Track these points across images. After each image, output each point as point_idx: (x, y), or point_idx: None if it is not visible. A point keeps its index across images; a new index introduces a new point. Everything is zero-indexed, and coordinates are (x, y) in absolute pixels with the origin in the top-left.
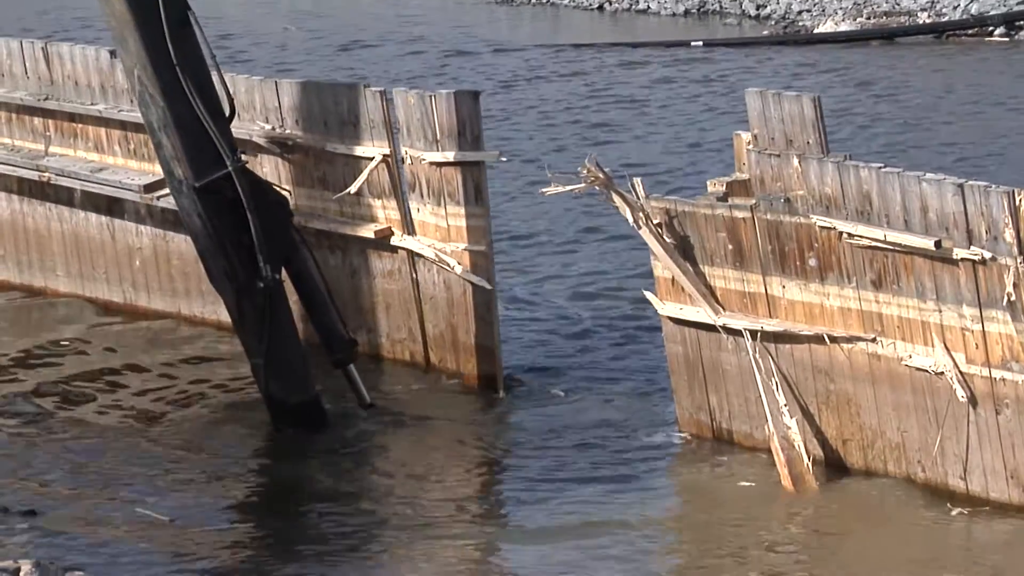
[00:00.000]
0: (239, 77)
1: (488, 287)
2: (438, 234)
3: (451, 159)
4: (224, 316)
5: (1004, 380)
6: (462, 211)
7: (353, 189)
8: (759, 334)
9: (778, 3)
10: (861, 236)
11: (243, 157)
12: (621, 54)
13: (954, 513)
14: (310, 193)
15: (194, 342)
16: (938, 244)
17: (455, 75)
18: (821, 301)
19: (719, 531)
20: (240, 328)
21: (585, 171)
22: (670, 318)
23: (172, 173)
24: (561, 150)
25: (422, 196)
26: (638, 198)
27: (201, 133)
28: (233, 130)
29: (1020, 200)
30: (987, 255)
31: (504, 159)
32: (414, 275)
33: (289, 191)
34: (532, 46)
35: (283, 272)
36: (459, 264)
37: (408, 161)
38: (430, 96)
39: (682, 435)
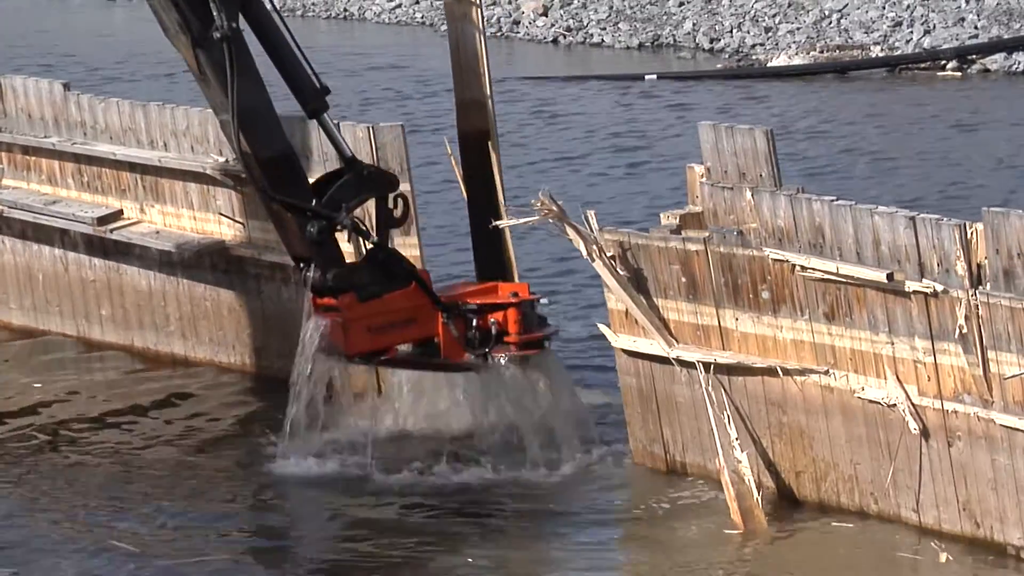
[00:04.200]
0: (192, 110)
1: None
2: None
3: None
4: (179, 350)
5: (956, 412)
6: (402, 241)
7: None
8: (712, 366)
9: (731, 37)
10: (814, 269)
11: None
12: (575, 87)
13: (942, 559)
14: (264, 226)
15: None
16: (890, 277)
17: (411, 109)
18: (774, 333)
19: (667, 567)
20: (203, 84)
21: (539, 204)
22: (624, 350)
23: None
24: (514, 183)
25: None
26: (591, 230)
27: None
28: (186, 163)
29: (971, 233)
30: (939, 288)
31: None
32: None
33: (243, 224)
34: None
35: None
36: None
37: None
38: (370, 128)
39: (636, 467)
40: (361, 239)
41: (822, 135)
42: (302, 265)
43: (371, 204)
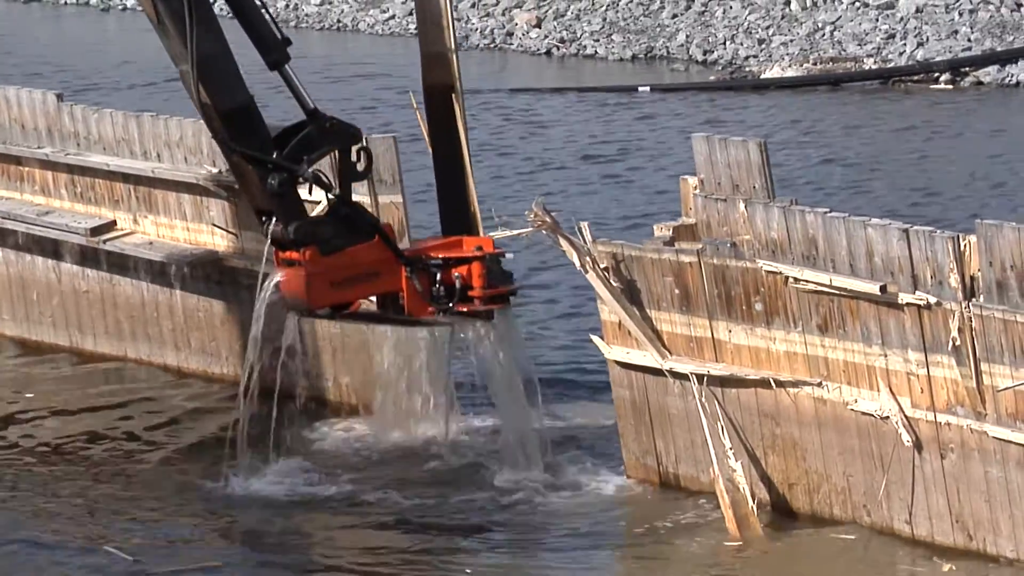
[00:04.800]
0: (186, 121)
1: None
2: None
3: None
4: (172, 360)
5: (949, 424)
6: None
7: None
8: (705, 378)
9: (725, 49)
10: (807, 281)
11: None
12: (568, 98)
13: (945, 568)
14: (257, 236)
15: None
16: (883, 289)
17: (406, 118)
18: (767, 345)
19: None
20: (163, 35)
21: (532, 215)
22: (617, 362)
23: None
24: (508, 194)
25: None
26: (585, 242)
27: None
28: (179, 174)
29: (964, 245)
30: (932, 300)
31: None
32: None
33: (236, 235)
34: (483, 90)
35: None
36: None
37: None
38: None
39: (629, 479)
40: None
41: (800, 146)
42: (264, 219)
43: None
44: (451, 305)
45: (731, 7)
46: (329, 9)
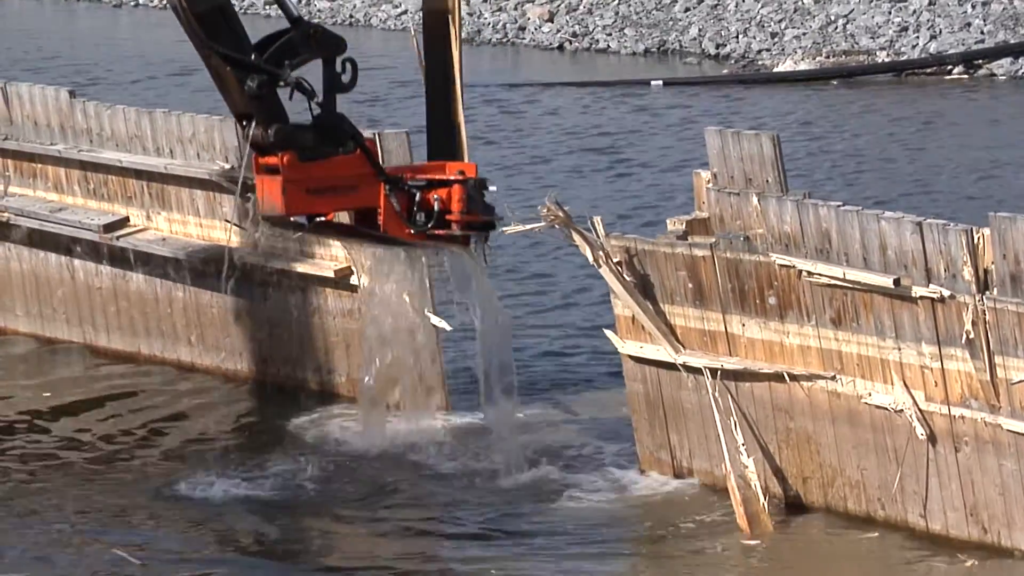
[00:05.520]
0: (199, 117)
1: (447, 327)
2: None
3: None
4: (185, 357)
5: (963, 418)
6: None
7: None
8: (719, 372)
9: (738, 42)
10: (820, 274)
11: None
12: (581, 93)
13: (967, 564)
14: (270, 233)
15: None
16: (897, 282)
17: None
18: (781, 339)
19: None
20: None
21: (545, 210)
22: (631, 357)
23: None
24: (520, 188)
25: None
26: (598, 237)
27: None
28: (192, 170)
29: (978, 238)
30: (946, 293)
31: None
32: None
33: (249, 231)
34: (493, 85)
35: None
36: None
37: None
38: (375, 135)
39: (643, 473)
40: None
41: (813, 139)
42: (244, 123)
43: None
44: (428, 227)
45: (744, 1)
46: (342, 5)
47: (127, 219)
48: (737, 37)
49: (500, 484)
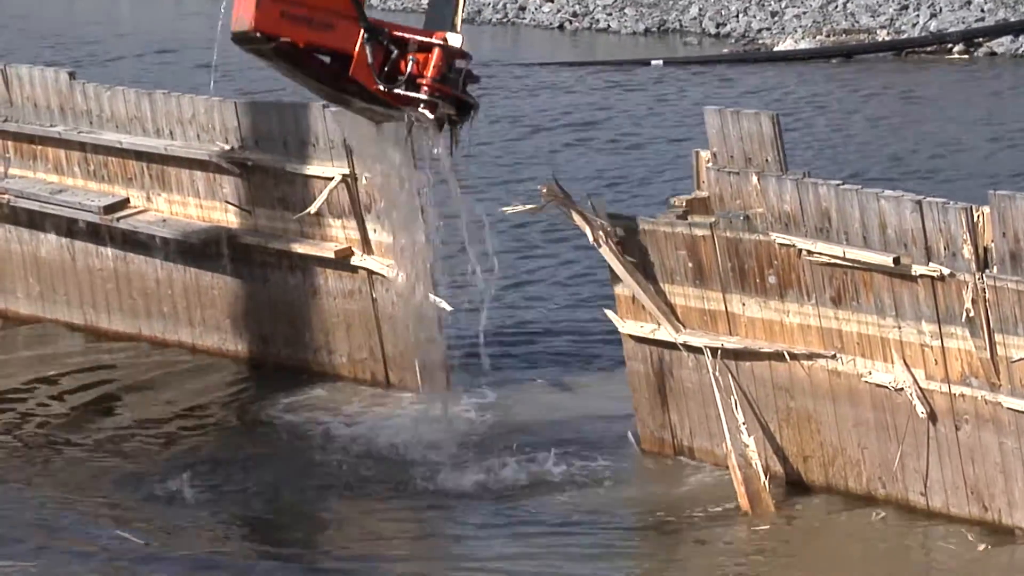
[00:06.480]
0: (198, 98)
1: (447, 308)
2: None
3: None
4: (186, 338)
5: (963, 396)
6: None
7: (313, 209)
8: (719, 351)
9: (738, 21)
10: (820, 253)
11: None
12: (581, 73)
13: (980, 548)
14: (270, 214)
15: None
16: (897, 261)
17: None
18: (781, 318)
19: (676, 551)
20: None
21: (545, 190)
22: (631, 336)
23: None
24: (521, 168)
25: (377, 216)
26: (598, 216)
27: None
28: (192, 151)
29: (978, 216)
30: (945, 271)
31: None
32: (373, 295)
33: (249, 212)
34: (493, 63)
35: None
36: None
37: (363, 181)
38: None
39: (644, 453)
40: None
41: (813, 118)
42: None
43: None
44: (397, 88)
45: None
46: None
47: (127, 200)
48: (737, 16)
49: (499, 464)
